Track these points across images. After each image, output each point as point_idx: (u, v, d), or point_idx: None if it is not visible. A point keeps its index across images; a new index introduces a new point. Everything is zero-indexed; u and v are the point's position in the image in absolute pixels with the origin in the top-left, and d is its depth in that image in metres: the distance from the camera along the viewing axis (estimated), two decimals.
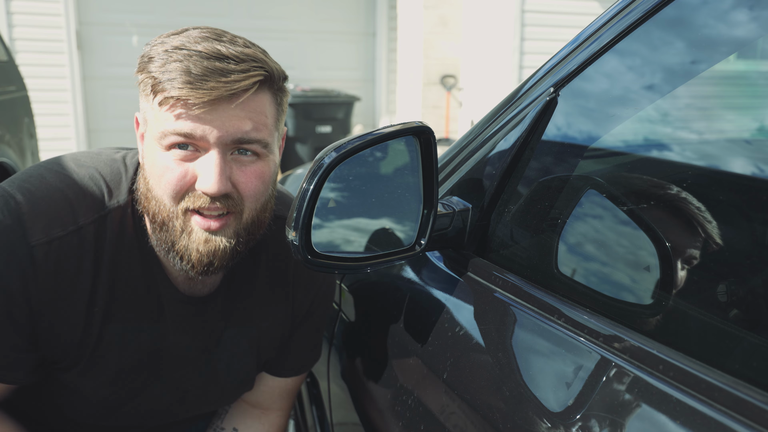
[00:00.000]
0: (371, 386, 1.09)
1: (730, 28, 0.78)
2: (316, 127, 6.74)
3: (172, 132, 0.95)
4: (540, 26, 6.72)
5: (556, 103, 0.94)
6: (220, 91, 0.93)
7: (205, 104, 0.93)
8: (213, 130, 0.95)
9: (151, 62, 0.97)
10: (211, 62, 0.93)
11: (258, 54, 0.99)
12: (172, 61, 0.94)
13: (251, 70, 0.95)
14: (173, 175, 0.96)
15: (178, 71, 0.93)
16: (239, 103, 0.95)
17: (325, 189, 0.85)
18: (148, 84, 0.97)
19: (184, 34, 0.98)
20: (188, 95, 0.92)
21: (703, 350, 0.65)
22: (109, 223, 1.03)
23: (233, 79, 0.94)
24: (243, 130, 0.96)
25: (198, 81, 0.92)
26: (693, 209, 0.78)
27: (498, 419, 0.75)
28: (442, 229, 0.98)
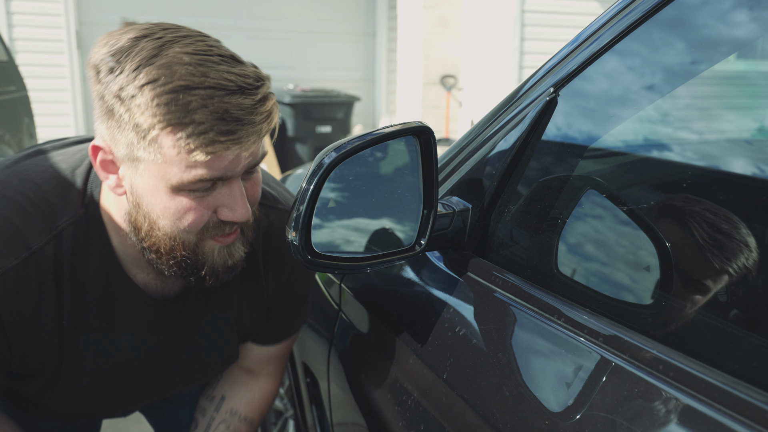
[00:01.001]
0: (371, 386, 1.09)
1: (730, 28, 0.78)
2: (316, 127, 6.74)
3: (207, 177, 0.88)
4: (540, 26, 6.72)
5: (556, 103, 0.94)
6: (257, 136, 0.89)
7: (244, 150, 0.89)
8: (240, 166, 0.91)
9: (146, 111, 0.84)
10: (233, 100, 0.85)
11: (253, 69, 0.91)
12: (194, 108, 0.83)
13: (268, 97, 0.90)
14: (198, 216, 0.92)
15: (211, 121, 0.83)
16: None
17: (325, 189, 0.85)
18: (148, 135, 0.85)
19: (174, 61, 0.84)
20: (234, 148, 0.86)
21: (703, 350, 0.65)
22: (64, 240, 0.99)
23: (261, 117, 0.88)
24: (258, 156, 0.94)
25: (237, 129, 0.85)
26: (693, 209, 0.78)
27: (498, 419, 0.75)
28: (442, 229, 0.98)
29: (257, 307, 1.22)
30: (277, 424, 1.99)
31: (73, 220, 1.00)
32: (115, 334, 1.09)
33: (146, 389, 1.20)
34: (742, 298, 0.70)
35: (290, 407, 1.82)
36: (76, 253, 1.00)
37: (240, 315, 1.20)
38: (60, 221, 0.99)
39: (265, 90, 0.89)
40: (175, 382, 1.23)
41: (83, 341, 1.07)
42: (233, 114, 0.85)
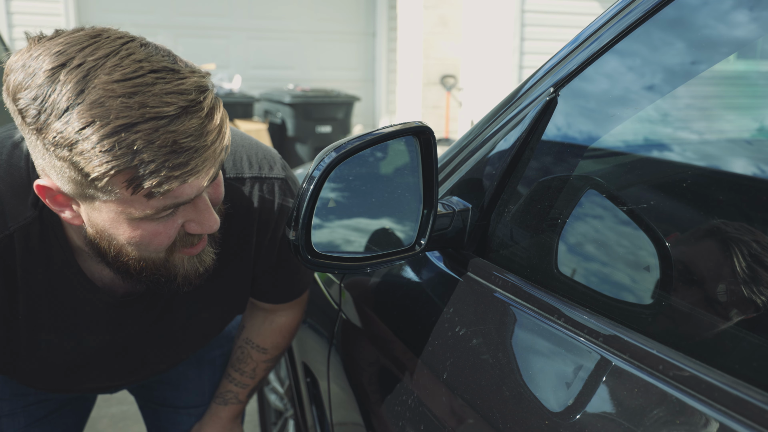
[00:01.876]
0: (371, 386, 1.09)
1: (730, 28, 0.78)
2: (316, 127, 6.74)
3: (170, 205, 0.84)
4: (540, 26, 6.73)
5: (556, 103, 0.94)
6: (214, 156, 0.82)
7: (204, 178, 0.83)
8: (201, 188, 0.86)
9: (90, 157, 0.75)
10: (179, 126, 0.77)
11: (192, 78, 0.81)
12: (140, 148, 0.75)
13: (215, 109, 0.82)
14: (166, 237, 0.89)
15: (161, 157, 0.77)
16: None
17: (325, 189, 0.85)
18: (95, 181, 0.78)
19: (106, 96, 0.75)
20: (192, 180, 0.81)
21: (703, 350, 0.65)
22: (17, 242, 0.95)
23: (213, 135, 0.81)
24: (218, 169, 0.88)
25: (191, 159, 0.79)
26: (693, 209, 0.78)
27: (498, 419, 0.75)
28: (442, 229, 0.98)
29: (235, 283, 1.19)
30: (277, 424, 1.99)
31: (26, 223, 0.95)
32: (76, 333, 1.07)
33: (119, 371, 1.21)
34: (742, 297, 0.70)
35: (290, 407, 1.82)
36: (29, 256, 0.96)
37: (216, 293, 1.18)
38: (11, 223, 0.94)
39: (209, 100, 0.81)
40: (150, 362, 1.23)
41: (42, 340, 1.05)
42: (182, 144, 0.77)
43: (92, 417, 2.50)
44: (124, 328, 1.12)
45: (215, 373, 1.47)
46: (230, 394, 1.39)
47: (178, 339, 1.22)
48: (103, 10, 7.15)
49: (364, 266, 0.94)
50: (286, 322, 1.36)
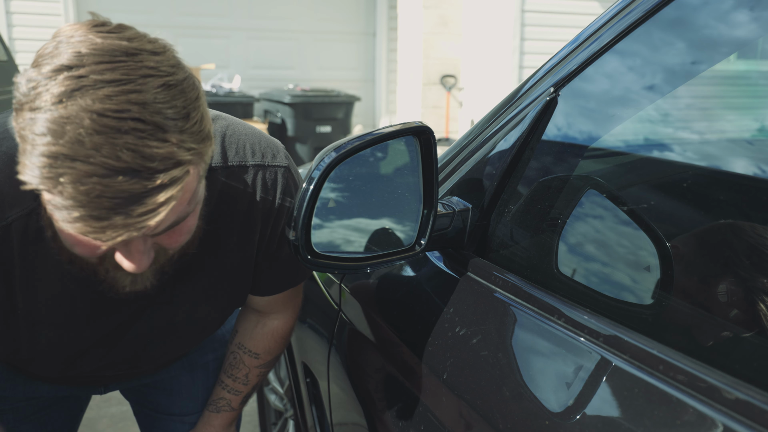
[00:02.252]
0: (371, 386, 1.09)
1: (730, 28, 0.78)
2: (316, 127, 6.74)
3: (73, 243, 0.82)
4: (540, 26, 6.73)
5: (556, 103, 0.94)
6: (133, 228, 0.75)
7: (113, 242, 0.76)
8: (133, 242, 0.81)
9: (32, 160, 0.73)
10: (117, 185, 0.72)
11: (173, 149, 0.74)
12: (66, 182, 0.71)
13: (171, 186, 0.75)
14: (89, 251, 0.84)
15: (77, 202, 0.72)
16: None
17: (325, 189, 0.85)
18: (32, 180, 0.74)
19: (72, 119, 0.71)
20: (94, 237, 0.75)
21: (703, 350, 0.65)
22: (14, 233, 0.94)
23: (147, 209, 0.74)
24: (163, 227, 0.82)
25: (104, 218, 0.73)
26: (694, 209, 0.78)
27: (498, 419, 0.75)
28: (442, 229, 0.98)
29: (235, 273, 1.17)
30: (277, 424, 1.99)
31: (25, 213, 0.93)
32: (72, 326, 1.07)
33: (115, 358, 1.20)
34: (742, 297, 0.70)
35: (290, 407, 1.82)
36: (27, 246, 0.95)
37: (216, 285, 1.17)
38: (10, 213, 0.93)
39: (169, 177, 0.75)
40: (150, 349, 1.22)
41: (39, 334, 1.05)
42: (106, 202, 0.72)
43: (92, 417, 2.50)
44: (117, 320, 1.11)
45: (208, 378, 1.46)
46: (223, 401, 1.38)
47: (177, 332, 1.20)
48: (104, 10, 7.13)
49: (364, 266, 0.94)
50: (279, 326, 1.35)
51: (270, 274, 1.22)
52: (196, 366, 1.45)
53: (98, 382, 1.34)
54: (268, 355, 1.36)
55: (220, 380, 1.38)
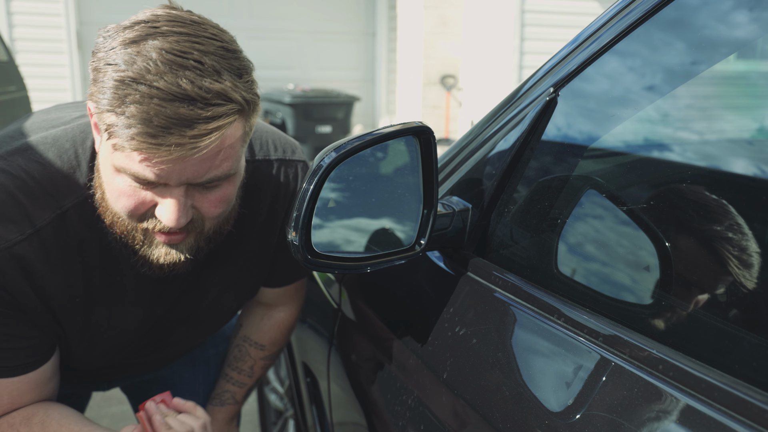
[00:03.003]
0: (371, 386, 1.09)
1: (730, 28, 0.78)
2: (316, 127, 6.75)
3: (127, 173, 0.88)
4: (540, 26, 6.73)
5: (556, 103, 0.94)
6: (184, 149, 0.83)
7: (166, 162, 0.85)
8: (175, 177, 0.88)
9: (103, 88, 0.84)
10: (174, 107, 0.81)
11: (227, 88, 0.85)
12: (129, 102, 0.81)
13: (221, 117, 0.84)
14: (130, 202, 0.91)
15: (137, 118, 0.81)
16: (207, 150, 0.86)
17: (325, 189, 0.85)
18: (100, 109, 0.85)
19: (143, 52, 0.83)
20: (148, 152, 0.83)
21: (703, 350, 0.65)
22: (69, 220, 1.00)
23: (199, 133, 0.83)
24: (209, 174, 0.90)
25: (160, 134, 0.81)
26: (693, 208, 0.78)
27: (498, 419, 0.75)
28: (442, 229, 0.98)
29: (256, 262, 1.23)
30: (277, 423, 1.99)
31: (79, 201, 1.01)
32: (124, 307, 1.11)
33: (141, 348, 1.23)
34: (742, 297, 0.70)
35: (290, 407, 1.82)
36: (82, 233, 1.01)
37: (238, 273, 1.22)
38: (65, 201, 1.00)
39: (222, 111, 0.84)
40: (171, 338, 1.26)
41: (94, 315, 1.09)
42: (163, 121, 0.81)
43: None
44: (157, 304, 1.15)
45: (209, 374, 1.47)
46: (227, 394, 1.40)
47: (200, 318, 1.24)
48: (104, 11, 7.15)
49: (364, 266, 0.94)
50: (284, 318, 1.38)
51: (284, 265, 1.27)
52: (197, 361, 1.46)
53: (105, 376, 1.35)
54: (274, 346, 1.39)
55: (225, 373, 1.40)
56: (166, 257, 0.99)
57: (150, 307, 1.15)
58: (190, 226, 0.96)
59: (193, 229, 0.97)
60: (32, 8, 6.75)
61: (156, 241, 0.97)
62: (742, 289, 0.70)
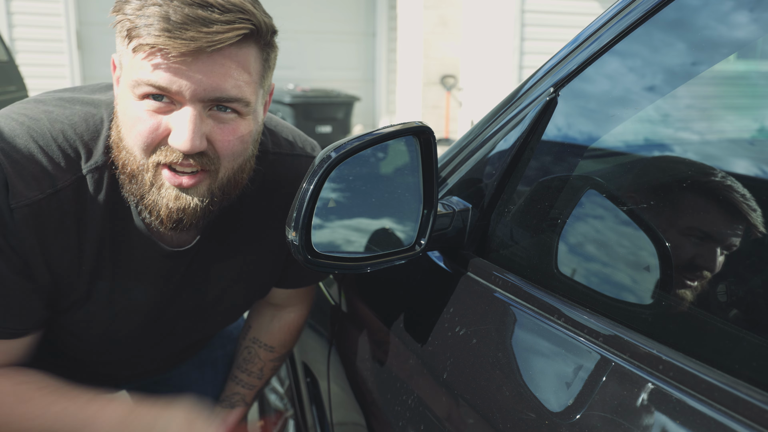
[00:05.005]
0: (371, 386, 1.09)
1: (730, 29, 0.78)
2: (316, 127, 6.75)
3: (146, 82, 0.90)
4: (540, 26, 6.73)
5: (556, 103, 0.94)
6: (200, 42, 0.87)
7: (183, 55, 0.87)
8: (190, 85, 0.89)
9: (128, 3, 0.90)
10: (192, 9, 0.87)
11: (246, 4, 0.91)
12: (150, 4, 0.88)
13: (236, 22, 0.89)
14: (144, 126, 0.92)
15: (156, 16, 0.87)
16: (221, 58, 0.90)
17: (325, 189, 0.85)
18: (123, 26, 0.91)
19: None
20: (165, 44, 0.86)
21: (703, 350, 0.65)
22: (89, 184, 1.01)
23: (215, 30, 0.87)
24: (222, 88, 0.91)
25: (177, 29, 0.86)
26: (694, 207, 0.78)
27: (498, 419, 0.75)
28: (442, 229, 0.98)
29: (270, 255, 1.21)
30: (277, 424, 1.99)
31: (96, 166, 1.01)
32: (128, 283, 1.10)
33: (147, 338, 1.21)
34: (742, 297, 0.70)
35: (290, 407, 1.82)
36: (95, 200, 1.01)
37: (249, 267, 1.20)
38: (84, 166, 1.00)
39: (238, 19, 0.89)
40: (177, 331, 1.24)
41: (97, 288, 1.08)
42: (180, 17, 0.86)
43: None
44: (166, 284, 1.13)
45: (216, 375, 1.47)
46: (237, 397, 1.38)
47: (206, 311, 1.23)
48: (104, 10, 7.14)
49: (364, 266, 0.94)
50: (294, 319, 1.37)
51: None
52: (205, 363, 1.46)
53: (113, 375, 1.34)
54: (283, 348, 1.38)
55: (234, 376, 1.39)
56: (175, 201, 0.97)
57: (155, 286, 1.12)
58: (204, 162, 0.95)
59: (208, 167, 0.96)
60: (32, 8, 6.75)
61: (166, 185, 0.96)
62: (742, 289, 0.70)
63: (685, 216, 0.79)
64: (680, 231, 0.78)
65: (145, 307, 1.14)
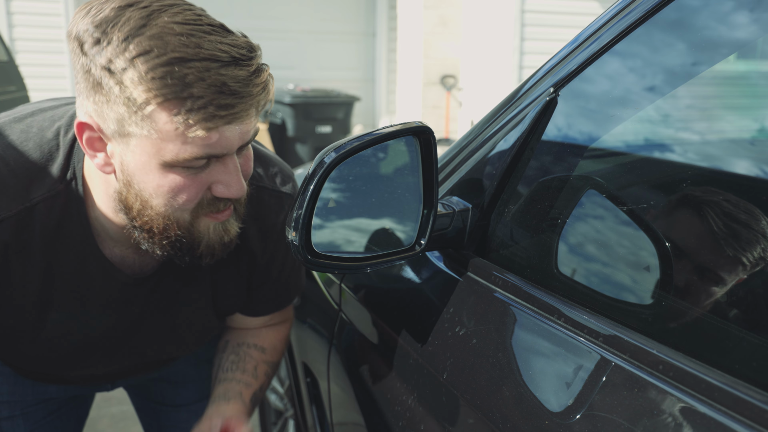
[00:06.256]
0: (371, 386, 1.09)
1: (730, 29, 0.78)
2: (316, 127, 6.74)
3: (202, 155, 0.86)
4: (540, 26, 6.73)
5: (556, 103, 0.94)
6: (252, 108, 0.86)
7: (236, 126, 0.86)
8: (238, 141, 0.88)
9: (140, 81, 0.80)
10: (230, 71, 0.82)
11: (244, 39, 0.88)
12: (190, 81, 0.80)
13: (261, 66, 0.87)
14: (193, 193, 0.90)
15: (211, 92, 0.81)
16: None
17: (326, 189, 0.85)
18: (146, 102, 0.81)
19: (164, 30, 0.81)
20: (228, 122, 0.83)
21: (703, 350, 0.65)
22: (37, 214, 0.96)
23: (258, 83, 0.85)
24: (251, 131, 0.91)
25: (236, 101, 0.83)
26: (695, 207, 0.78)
27: (498, 419, 0.75)
28: (442, 229, 0.98)
29: (234, 282, 1.19)
30: (277, 424, 1.99)
31: (50, 195, 0.96)
32: (86, 312, 1.07)
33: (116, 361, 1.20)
34: (742, 297, 0.70)
35: (290, 407, 1.82)
36: (49, 228, 0.97)
37: (215, 290, 1.18)
38: (36, 194, 0.96)
39: (258, 60, 0.87)
40: (147, 354, 1.22)
41: (51, 318, 1.05)
42: (231, 87, 0.82)
43: (92, 417, 2.50)
44: (129, 311, 1.11)
45: None
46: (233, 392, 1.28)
47: (176, 332, 1.21)
48: None
49: (364, 266, 0.94)
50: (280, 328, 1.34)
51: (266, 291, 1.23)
52: (201, 361, 1.45)
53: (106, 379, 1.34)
54: (274, 351, 1.33)
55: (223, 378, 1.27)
56: (226, 234, 0.98)
57: (116, 313, 1.10)
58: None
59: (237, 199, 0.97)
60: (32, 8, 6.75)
61: (212, 227, 0.96)
62: (743, 289, 0.70)
63: (684, 216, 0.79)
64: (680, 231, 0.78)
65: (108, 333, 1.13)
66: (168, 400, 1.46)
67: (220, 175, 0.90)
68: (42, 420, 1.32)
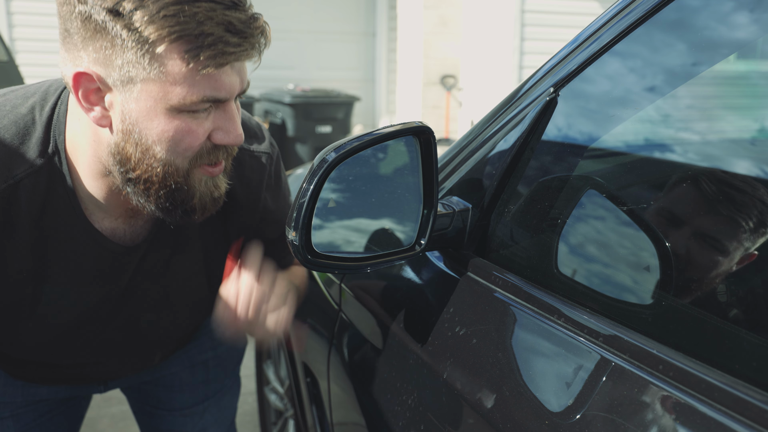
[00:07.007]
0: (371, 386, 1.09)
1: (730, 29, 0.78)
2: (316, 127, 6.74)
3: (209, 98, 0.88)
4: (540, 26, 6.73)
5: (556, 103, 0.94)
6: (256, 48, 0.88)
7: (240, 66, 0.89)
8: (239, 86, 0.91)
9: (150, 20, 0.81)
10: (234, 14, 0.85)
11: None
12: (201, 19, 0.82)
13: (259, 16, 0.90)
14: (196, 138, 0.91)
15: (221, 30, 0.83)
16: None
17: (325, 189, 0.85)
18: (148, 48, 0.82)
19: None
20: (237, 59, 0.86)
21: (703, 350, 0.65)
22: (22, 191, 0.96)
23: (257, 27, 0.88)
24: (246, 78, 0.94)
25: (242, 39, 0.85)
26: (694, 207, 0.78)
27: (498, 419, 0.75)
28: (442, 229, 0.98)
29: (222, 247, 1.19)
30: (277, 423, 1.99)
31: (33, 170, 0.96)
32: (79, 283, 1.07)
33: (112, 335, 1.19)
34: (742, 297, 0.70)
35: (290, 407, 1.82)
36: (35, 204, 0.97)
37: (206, 255, 1.18)
38: (18, 170, 0.95)
39: (252, 8, 0.90)
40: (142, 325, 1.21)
41: (45, 293, 1.05)
42: (236, 26, 0.85)
43: (92, 417, 2.50)
44: (122, 281, 1.11)
45: (208, 375, 1.45)
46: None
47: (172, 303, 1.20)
48: None
49: (364, 266, 0.94)
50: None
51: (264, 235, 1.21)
52: (195, 363, 1.44)
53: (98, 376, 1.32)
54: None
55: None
56: (217, 189, 0.99)
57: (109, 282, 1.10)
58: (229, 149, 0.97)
59: (228, 152, 0.98)
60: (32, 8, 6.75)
61: (205, 180, 0.97)
62: (743, 289, 0.70)
63: (684, 216, 0.79)
64: (680, 231, 0.78)
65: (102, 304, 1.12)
66: (163, 404, 1.46)
67: (220, 121, 0.92)
68: (32, 422, 1.31)
